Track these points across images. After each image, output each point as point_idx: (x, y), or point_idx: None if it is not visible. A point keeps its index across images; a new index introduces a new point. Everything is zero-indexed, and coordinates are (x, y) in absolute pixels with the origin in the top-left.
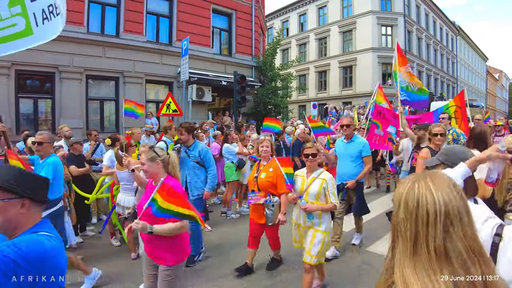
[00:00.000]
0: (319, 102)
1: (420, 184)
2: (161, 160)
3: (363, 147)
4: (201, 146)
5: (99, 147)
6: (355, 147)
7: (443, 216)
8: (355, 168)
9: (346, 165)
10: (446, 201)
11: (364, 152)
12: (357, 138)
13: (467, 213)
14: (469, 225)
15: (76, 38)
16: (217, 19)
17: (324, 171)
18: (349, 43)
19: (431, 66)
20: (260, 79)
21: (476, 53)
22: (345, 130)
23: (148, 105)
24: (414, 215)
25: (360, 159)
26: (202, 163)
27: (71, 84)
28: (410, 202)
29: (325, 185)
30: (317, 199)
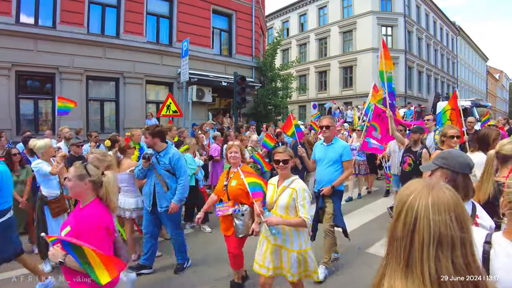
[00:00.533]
0: (319, 102)
1: (420, 203)
2: (90, 180)
3: (344, 151)
4: (173, 152)
5: (99, 148)
6: (335, 150)
7: (436, 241)
8: (333, 174)
9: (324, 170)
10: (442, 230)
11: (344, 156)
12: (337, 141)
13: (462, 245)
14: (462, 256)
15: (76, 39)
16: (217, 19)
17: (296, 180)
18: (349, 43)
19: (431, 66)
20: (260, 80)
21: (476, 53)
22: (325, 132)
23: (148, 106)
24: (410, 237)
25: (339, 163)
26: (172, 172)
27: (71, 84)
28: (408, 220)
29: (294, 195)
30: (287, 212)
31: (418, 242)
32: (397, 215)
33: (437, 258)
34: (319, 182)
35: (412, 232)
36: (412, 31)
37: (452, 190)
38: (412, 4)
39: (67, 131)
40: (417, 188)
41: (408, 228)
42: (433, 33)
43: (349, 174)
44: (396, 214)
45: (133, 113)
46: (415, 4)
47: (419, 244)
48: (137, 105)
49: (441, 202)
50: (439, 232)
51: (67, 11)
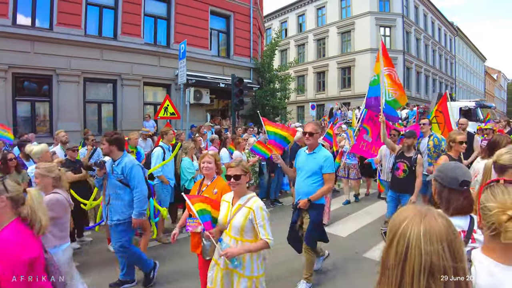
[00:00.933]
0: (318, 103)
1: (412, 231)
2: (8, 197)
3: (325, 162)
4: (126, 161)
5: (96, 151)
6: (316, 161)
7: (427, 271)
8: (311, 186)
9: (302, 181)
10: (434, 258)
11: (325, 167)
12: (320, 150)
13: (455, 275)
14: (455, 286)
15: (73, 41)
16: (215, 21)
17: (253, 197)
18: (347, 44)
19: (430, 66)
20: (258, 81)
21: (474, 53)
22: (308, 139)
23: (146, 107)
24: (401, 266)
25: (319, 175)
26: (126, 182)
27: (68, 86)
28: (400, 249)
29: (251, 216)
30: (242, 235)
31: (408, 272)
32: (389, 243)
33: (427, 286)
34: (296, 193)
35: (404, 261)
36: (411, 32)
37: (445, 217)
38: (410, 5)
39: (63, 134)
40: (409, 215)
41: (399, 257)
42: (431, 33)
43: (330, 188)
44: (389, 241)
45: (130, 115)
46: (413, 5)
47: (409, 275)
48: (134, 107)
49: (433, 231)
50: (431, 262)
51: (64, 13)
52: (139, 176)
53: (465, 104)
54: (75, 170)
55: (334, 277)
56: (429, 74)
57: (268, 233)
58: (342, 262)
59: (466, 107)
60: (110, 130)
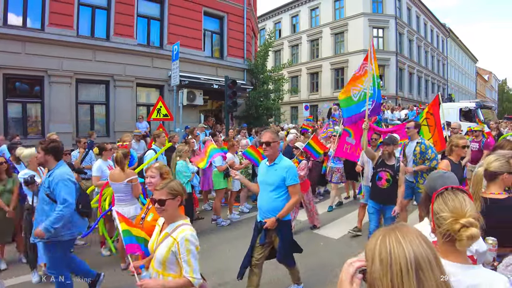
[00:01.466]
0: (311, 103)
1: (390, 239)
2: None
3: (288, 173)
4: (55, 174)
5: (89, 154)
6: (278, 173)
7: (414, 266)
8: (275, 201)
9: (265, 196)
10: (416, 252)
11: (288, 179)
12: (282, 160)
13: (436, 260)
14: (440, 271)
15: (65, 42)
16: (209, 22)
17: (182, 226)
18: (341, 44)
19: (422, 68)
20: (252, 82)
21: (466, 54)
22: (265, 150)
23: (139, 109)
24: (389, 270)
25: (283, 188)
26: (53, 197)
27: (60, 88)
28: (384, 258)
29: (175, 248)
30: (164, 268)
31: (396, 273)
32: (371, 260)
33: (417, 280)
34: (259, 210)
35: (390, 263)
36: (403, 33)
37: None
38: (403, 6)
39: (55, 137)
40: (381, 232)
41: (385, 265)
42: (423, 35)
43: (297, 201)
44: (370, 259)
45: (123, 116)
46: (406, 6)
47: (398, 274)
48: (127, 108)
49: (407, 231)
50: (415, 255)
51: (56, 13)
52: (66, 194)
53: (465, 105)
54: None
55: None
56: (422, 75)
57: (194, 270)
58: (334, 265)
59: (467, 108)
60: (103, 132)
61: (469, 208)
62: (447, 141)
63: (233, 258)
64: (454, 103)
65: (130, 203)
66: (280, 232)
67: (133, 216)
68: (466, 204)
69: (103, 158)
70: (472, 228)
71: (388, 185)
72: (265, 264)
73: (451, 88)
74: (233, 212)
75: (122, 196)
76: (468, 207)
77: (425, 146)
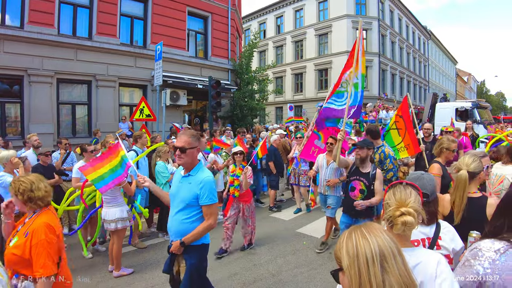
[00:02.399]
0: (296, 104)
1: (356, 234)
2: None
3: (203, 189)
4: None
5: (70, 155)
6: (191, 186)
7: (379, 257)
8: (184, 224)
9: (174, 215)
10: (381, 245)
11: (202, 197)
12: (199, 171)
13: (399, 253)
14: (402, 263)
15: (46, 40)
16: (193, 21)
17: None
18: (325, 46)
19: (404, 69)
20: (236, 82)
21: (446, 56)
22: (179, 158)
23: (122, 109)
24: (356, 261)
25: (196, 208)
26: None
27: (41, 87)
28: (351, 250)
29: None
30: None
31: (362, 261)
32: (340, 255)
33: (382, 268)
34: (168, 231)
35: (357, 254)
36: (386, 35)
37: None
38: (386, 9)
39: (35, 139)
40: (349, 230)
41: (352, 256)
42: (405, 36)
43: (210, 226)
44: (339, 254)
45: (106, 117)
46: (388, 9)
47: (364, 262)
48: (110, 108)
49: (372, 227)
50: (379, 246)
51: (36, 11)
52: None
53: (461, 104)
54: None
55: (312, 276)
56: (404, 76)
57: None
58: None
59: (463, 108)
60: (84, 133)
61: (412, 200)
62: (438, 142)
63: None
64: (450, 103)
65: (116, 205)
66: (187, 260)
67: (118, 218)
68: (411, 197)
69: (85, 160)
70: (407, 216)
71: (362, 197)
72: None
73: (432, 89)
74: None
75: (108, 198)
76: (412, 199)
77: (384, 155)
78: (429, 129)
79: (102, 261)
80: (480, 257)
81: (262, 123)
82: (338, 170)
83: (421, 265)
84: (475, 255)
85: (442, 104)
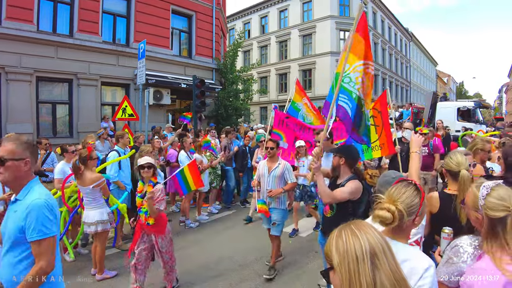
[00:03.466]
0: (280, 104)
1: (346, 232)
2: None
3: (28, 218)
4: None
5: (50, 156)
6: (16, 216)
7: (369, 254)
8: (15, 268)
9: (3, 256)
10: (371, 241)
11: (28, 230)
12: (28, 192)
13: (389, 249)
14: (393, 259)
15: (24, 37)
16: (177, 20)
17: None
18: (308, 46)
19: (387, 70)
20: (221, 82)
21: (427, 58)
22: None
23: (104, 108)
24: (346, 258)
25: (26, 246)
26: None
27: (19, 86)
28: (341, 248)
29: None
30: None
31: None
32: (330, 253)
33: (372, 265)
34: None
35: (347, 251)
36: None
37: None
38: (369, 11)
39: None
40: (338, 228)
41: (342, 254)
42: (388, 38)
43: (42, 270)
44: (329, 252)
45: (87, 116)
46: (371, 11)
47: (354, 260)
48: (91, 108)
49: (361, 224)
50: (369, 243)
51: (14, 6)
52: None
53: (463, 104)
54: None
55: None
56: (386, 77)
57: None
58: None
59: (465, 107)
60: (65, 133)
61: (402, 199)
62: (472, 143)
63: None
64: (451, 102)
65: (95, 208)
66: None
67: (98, 221)
68: (402, 196)
69: (66, 160)
70: (385, 212)
71: (331, 213)
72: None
73: (413, 89)
74: (202, 213)
75: (88, 200)
76: (402, 199)
77: None
78: (407, 128)
79: (85, 265)
80: (462, 254)
81: (247, 122)
82: (281, 179)
83: (409, 262)
84: (456, 252)
85: (443, 104)
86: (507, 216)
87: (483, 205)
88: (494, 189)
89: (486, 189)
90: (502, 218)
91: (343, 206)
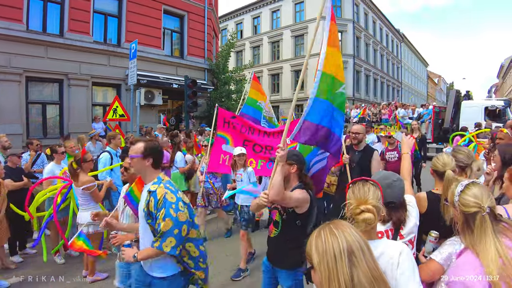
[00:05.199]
0: (273, 104)
1: (324, 232)
2: None
3: None
4: None
5: (40, 157)
6: None
7: (347, 252)
8: None
9: None
10: (349, 240)
11: None
12: None
13: (367, 247)
14: (371, 257)
15: (13, 36)
16: (169, 20)
17: None
18: (301, 47)
19: (378, 70)
20: (213, 82)
21: (418, 58)
22: None
23: (95, 108)
24: (324, 257)
25: None
26: None
27: (8, 86)
28: (319, 247)
29: None
30: None
31: (331, 257)
32: (310, 253)
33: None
34: None
35: (325, 250)
36: (360, 37)
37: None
38: (360, 11)
39: (5, 140)
40: (318, 228)
41: (321, 253)
42: (379, 39)
43: None
44: (310, 252)
45: (78, 117)
46: (363, 12)
47: (332, 258)
48: (82, 108)
49: (340, 223)
50: (347, 241)
51: (3, 5)
52: None
53: (491, 103)
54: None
55: None
56: (377, 78)
57: None
58: None
59: (493, 107)
60: (56, 134)
61: (371, 197)
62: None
63: None
64: (478, 101)
65: (87, 209)
66: None
67: (89, 222)
68: (369, 194)
69: (56, 161)
70: (366, 213)
71: (276, 233)
72: None
73: (404, 90)
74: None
75: (80, 201)
76: (370, 196)
77: (155, 201)
78: (358, 133)
79: (76, 267)
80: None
81: None
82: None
83: (384, 255)
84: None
85: (468, 103)
86: (478, 212)
87: (457, 201)
88: (469, 187)
89: (461, 186)
90: (473, 214)
91: (289, 222)
